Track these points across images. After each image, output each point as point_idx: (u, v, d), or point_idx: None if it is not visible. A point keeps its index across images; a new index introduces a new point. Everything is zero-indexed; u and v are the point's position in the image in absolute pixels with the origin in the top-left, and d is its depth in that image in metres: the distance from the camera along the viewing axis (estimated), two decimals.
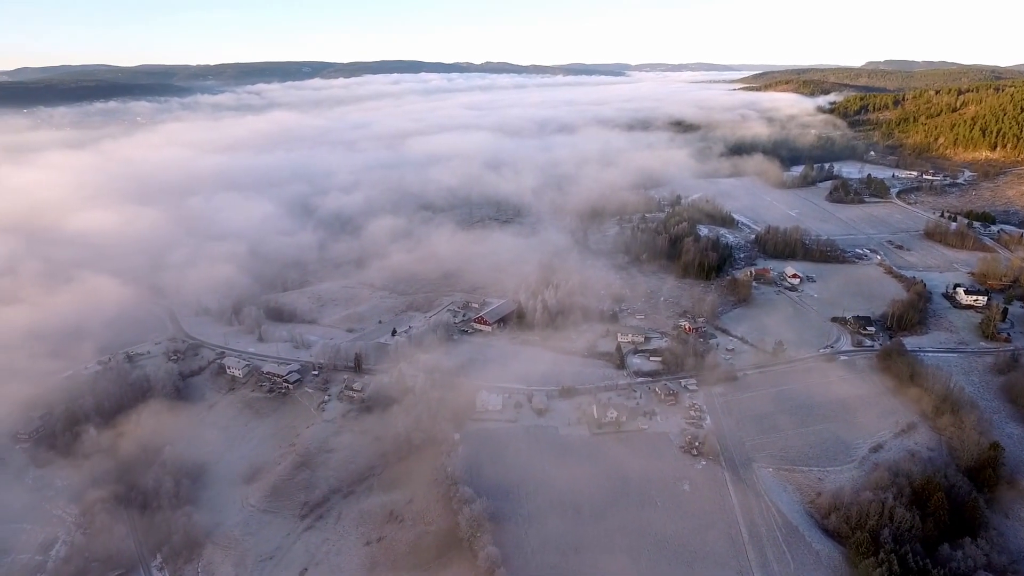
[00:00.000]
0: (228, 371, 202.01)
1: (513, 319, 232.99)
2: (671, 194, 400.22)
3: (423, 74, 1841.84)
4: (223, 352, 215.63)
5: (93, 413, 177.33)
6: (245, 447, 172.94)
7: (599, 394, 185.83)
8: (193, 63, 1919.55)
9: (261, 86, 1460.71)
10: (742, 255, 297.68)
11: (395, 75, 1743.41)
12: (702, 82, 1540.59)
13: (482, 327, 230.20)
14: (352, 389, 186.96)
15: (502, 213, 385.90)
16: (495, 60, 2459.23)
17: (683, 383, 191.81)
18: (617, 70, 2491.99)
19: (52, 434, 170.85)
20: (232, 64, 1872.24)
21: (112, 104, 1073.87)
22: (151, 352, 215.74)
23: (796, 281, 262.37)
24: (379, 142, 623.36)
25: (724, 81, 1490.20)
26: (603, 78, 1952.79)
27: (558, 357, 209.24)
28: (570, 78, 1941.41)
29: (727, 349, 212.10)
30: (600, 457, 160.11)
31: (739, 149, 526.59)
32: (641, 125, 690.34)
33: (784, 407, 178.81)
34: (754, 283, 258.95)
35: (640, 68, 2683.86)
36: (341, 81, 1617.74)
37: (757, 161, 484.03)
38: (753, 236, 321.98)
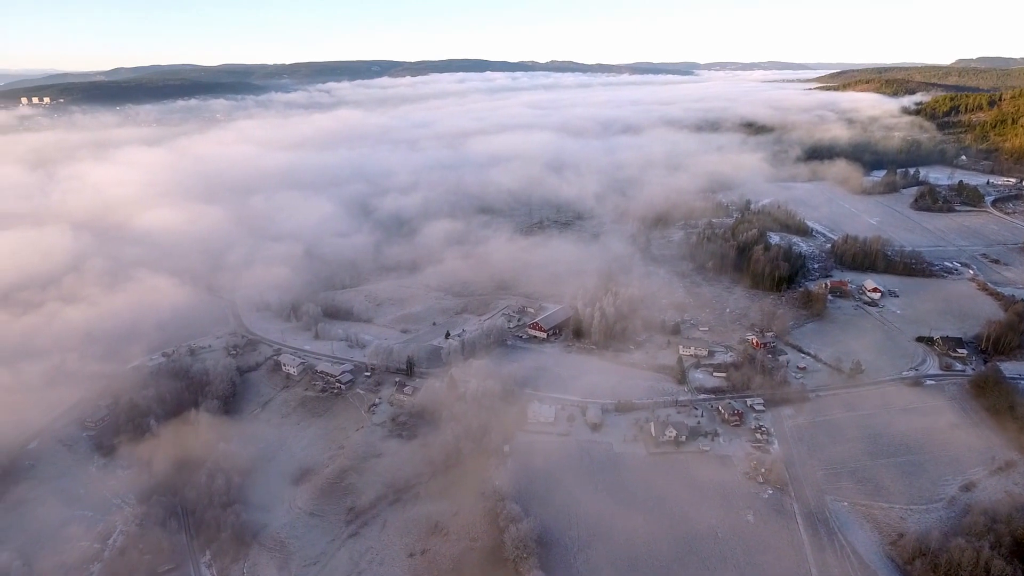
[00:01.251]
0: (283, 368, 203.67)
1: (569, 327, 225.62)
2: (740, 199, 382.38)
3: (488, 73, 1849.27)
4: (279, 349, 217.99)
5: (155, 404, 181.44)
6: (296, 446, 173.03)
7: (657, 410, 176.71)
8: (270, 62, 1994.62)
9: (332, 84, 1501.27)
10: (816, 266, 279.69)
11: (460, 74, 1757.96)
12: (775, 81, 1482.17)
13: (537, 334, 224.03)
14: (403, 393, 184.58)
15: (562, 215, 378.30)
16: (560, 59, 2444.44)
17: (749, 402, 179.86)
18: (685, 69, 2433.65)
19: (116, 424, 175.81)
20: (306, 63, 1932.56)
21: (193, 102, 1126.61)
22: (212, 346, 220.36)
23: (877, 296, 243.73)
24: (440, 141, 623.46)
25: (799, 80, 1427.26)
26: (671, 77, 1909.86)
27: (615, 369, 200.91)
28: (636, 77, 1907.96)
29: (798, 367, 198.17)
30: (656, 479, 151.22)
31: (816, 152, 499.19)
32: (710, 126, 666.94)
33: (862, 434, 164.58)
34: (829, 297, 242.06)
35: (709, 67, 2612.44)
36: (408, 80, 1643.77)
37: (836, 165, 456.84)
38: (829, 245, 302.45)
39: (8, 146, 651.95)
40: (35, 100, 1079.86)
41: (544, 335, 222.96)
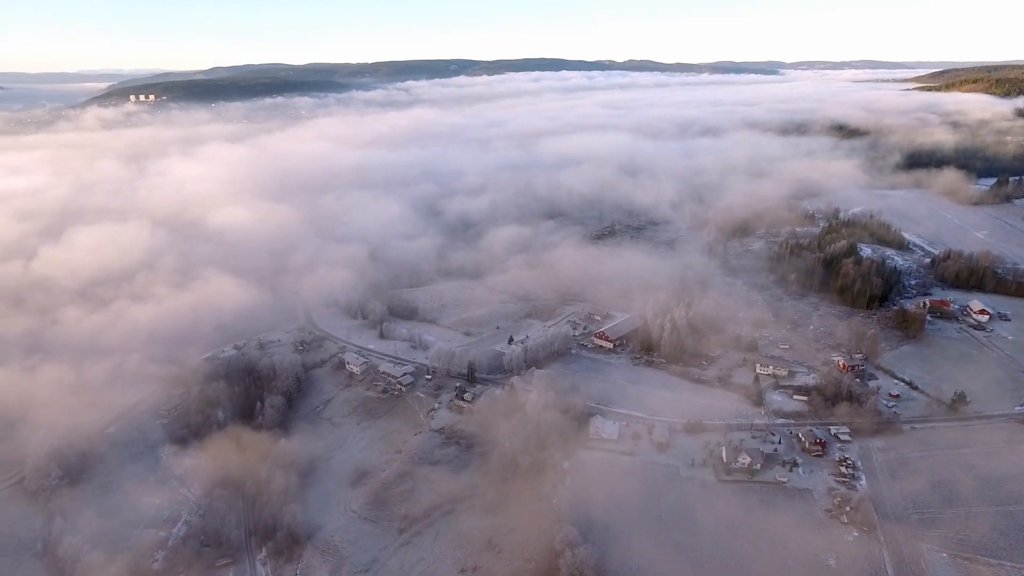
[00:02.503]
0: (347, 367, 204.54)
1: (637, 338, 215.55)
2: (827, 207, 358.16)
3: (564, 72, 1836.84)
4: (344, 347, 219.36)
5: (223, 396, 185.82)
6: (354, 447, 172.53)
7: (730, 433, 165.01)
8: (353, 61, 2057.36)
9: (410, 83, 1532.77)
10: (914, 282, 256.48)
11: (536, 72, 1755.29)
12: (869, 81, 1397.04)
13: (603, 343, 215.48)
14: (463, 399, 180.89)
15: (634, 221, 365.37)
16: (638, 58, 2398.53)
17: (833, 431, 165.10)
18: (770, 68, 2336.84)
19: (187, 414, 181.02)
20: (387, 62, 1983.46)
21: (279, 99, 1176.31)
22: (281, 340, 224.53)
23: (984, 318, 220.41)
24: (512, 141, 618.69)
25: (895, 80, 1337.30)
26: (753, 77, 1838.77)
27: (685, 385, 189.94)
28: (716, 77, 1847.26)
29: (891, 395, 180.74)
30: (727, 509, 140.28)
31: (917, 159, 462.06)
32: (797, 129, 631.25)
33: (966, 476, 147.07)
34: (928, 317, 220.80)
35: (796, 66, 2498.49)
36: (484, 79, 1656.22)
37: (940, 173, 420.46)
38: (928, 260, 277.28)
39: (111, 141, 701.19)
40: (141, 98, 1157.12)
41: (610, 345, 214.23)
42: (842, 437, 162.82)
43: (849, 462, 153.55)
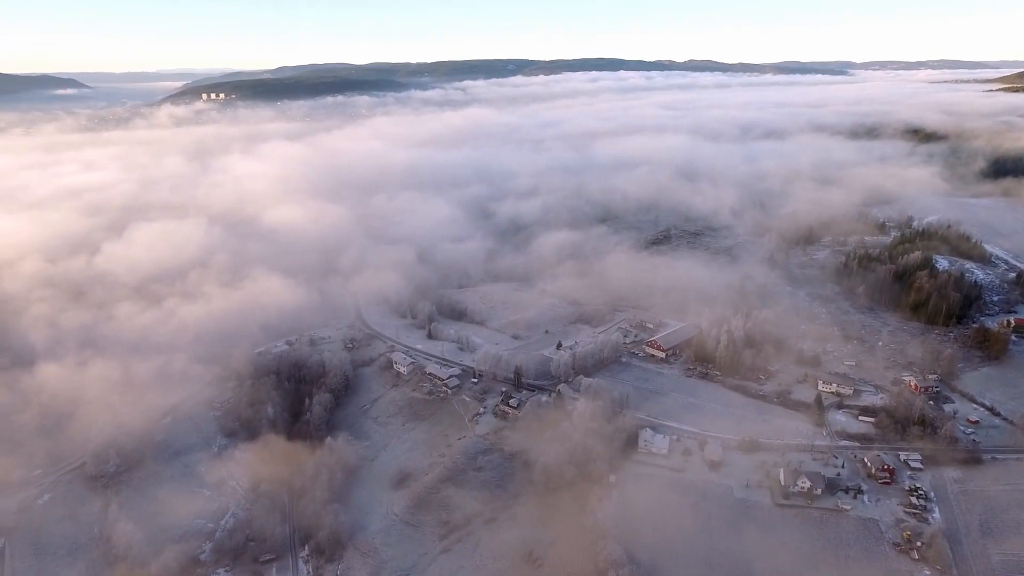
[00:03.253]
0: (394, 367, 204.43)
1: (691, 348, 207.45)
2: (899, 215, 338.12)
3: (621, 72, 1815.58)
4: (393, 346, 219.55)
5: (273, 391, 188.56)
6: (399, 448, 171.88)
7: (789, 453, 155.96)
8: (413, 61, 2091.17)
9: (467, 82, 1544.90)
10: (996, 299, 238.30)
11: (593, 72, 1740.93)
12: (947, 82, 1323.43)
13: (655, 352, 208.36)
14: (508, 405, 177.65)
15: (691, 225, 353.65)
16: (699, 58, 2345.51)
17: (903, 457, 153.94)
18: (838, 68, 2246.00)
19: (238, 407, 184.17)
20: (446, 62, 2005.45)
21: (340, 98, 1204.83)
22: (331, 337, 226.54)
23: None
24: (566, 142, 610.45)
25: (976, 81, 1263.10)
26: (820, 77, 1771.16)
27: (741, 400, 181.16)
28: (780, 77, 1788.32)
29: (969, 420, 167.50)
30: (783, 537, 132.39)
31: (1004, 165, 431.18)
32: (868, 132, 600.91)
33: None
34: (1013, 337, 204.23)
35: (867, 66, 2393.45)
36: (541, 78, 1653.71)
37: None
38: (1013, 275, 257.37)
39: (179, 138, 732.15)
40: (212, 96, 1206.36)
41: (663, 355, 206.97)
42: (913, 464, 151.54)
43: (921, 492, 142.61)
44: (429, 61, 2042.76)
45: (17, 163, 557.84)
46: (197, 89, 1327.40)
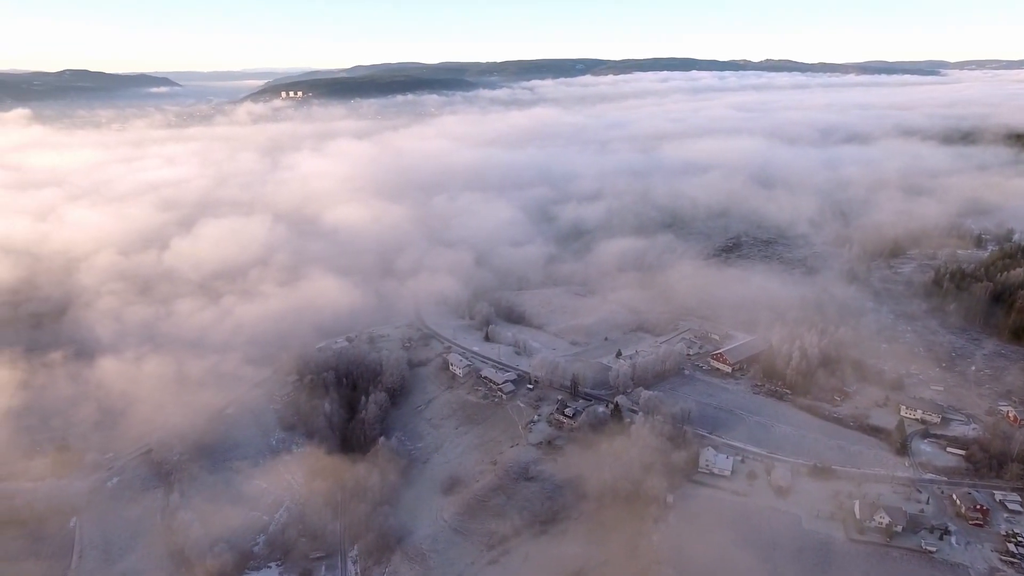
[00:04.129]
0: (450, 368, 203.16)
1: (760, 363, 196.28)
2: (999, 227, 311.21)
3: (693, 72, 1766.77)
4: (449, 347, 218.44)
5: (332, 388, 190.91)
6: (451, 452, 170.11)
7: (866, 484, 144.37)
8: (483, 60, 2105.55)
9: (535, 82, 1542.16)
10: None
11: (664, 72, 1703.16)
12: None
13: (720, 366, 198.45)
14: (564, 414, 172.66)
15: (762, 233, 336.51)
16: (776, 57, 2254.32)
17: (999, 497, 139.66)
18: (929, 68, 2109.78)
19: (297, 402, 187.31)
20: (515, 61, 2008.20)
21: (409, 97, 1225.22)
22: (390, 336, 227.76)
23: None
24: (633, 144, 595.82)
25: None
26: (909, 77, 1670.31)
27: (813, 422, 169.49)
28: (864, 78, 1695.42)
29: None
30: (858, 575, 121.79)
31: None
32: (963, 138, 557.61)
33: None
34: None
35: (961, 66, 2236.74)
36: (610, 78, 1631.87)
37: None
38: None
39: (255, 135, 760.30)
40: (290, 94, 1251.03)
41: (728, 369, 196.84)
42: (1010, 506, 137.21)
43: (1021, 539, 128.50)
44: (498, 60, 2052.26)
45: (108, 157, 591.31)
46: (277, 87, 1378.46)
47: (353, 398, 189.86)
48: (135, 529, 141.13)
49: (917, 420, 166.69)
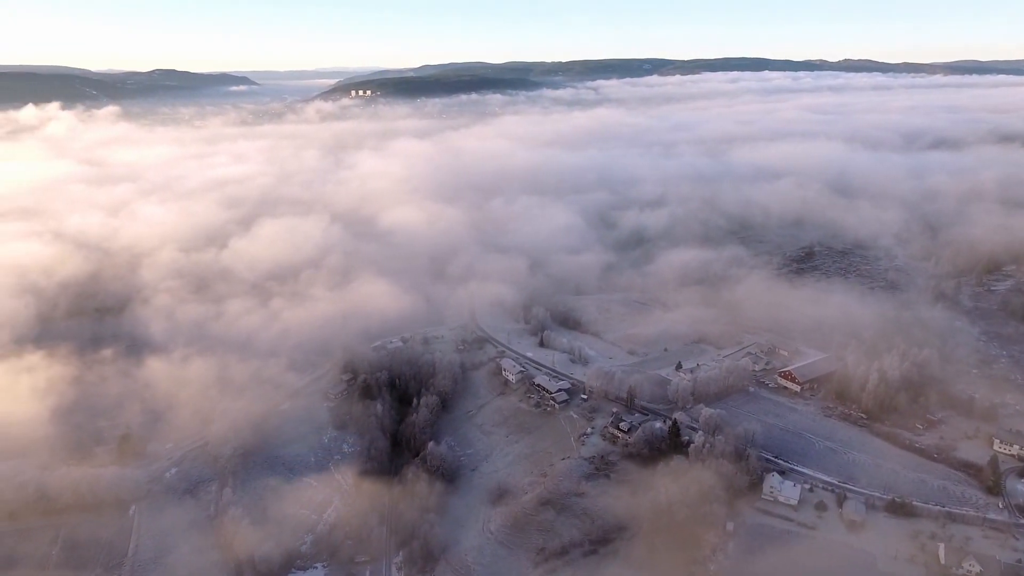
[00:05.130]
0: (503, 373, 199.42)
1: (833, 383, 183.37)
2: None
3: (765, 72, 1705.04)
4: (503, 352, 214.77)
5: (384, 388, 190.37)
6: (500, 461, 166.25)
7: (952, 526, 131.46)
8: (548, 60, 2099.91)
9: (600, 82, 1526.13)
10: None
11: (734, 72, 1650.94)
12: None
13: (788, 384, 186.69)
14: (619, 428, 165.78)
15: (838, 242, 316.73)
16: (855, 57, 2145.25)
17: None
18: None
19: (350, 400, 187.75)
20: (580, 61, 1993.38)
21: (473, 96, 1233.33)
22: (444, 337, 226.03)
23: None
24: (699, 147, 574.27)
25: None
26: (1004, 78, 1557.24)
27: (892, 451, 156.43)
28: (953, 78, 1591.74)
29: None
30: None
31: None
32: None
33: None
34: None
35: None
36: (677, 78, 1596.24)
37: None
38: None
39: (320, 133, 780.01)
40: (359, 93, 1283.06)
41: (797, 388, 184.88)
42: None
43: None
44: (564, 60, 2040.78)
45: (182, 153, 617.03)
46: (347, 86, 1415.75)
47: (405, 400, 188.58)
48: (189, 521, 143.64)
49: (1014, 456, 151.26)
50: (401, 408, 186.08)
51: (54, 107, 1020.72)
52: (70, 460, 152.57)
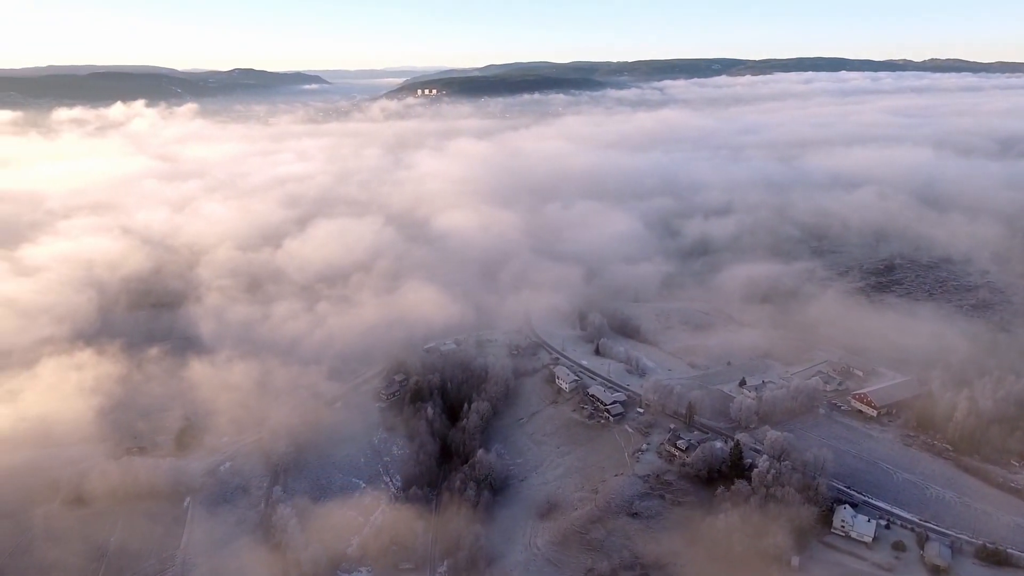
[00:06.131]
0: (557, 381, 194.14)
1: (914, 410, 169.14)
2: None
3: (842, 72, 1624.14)
4: (557, 359, 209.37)
5: (436, 391, 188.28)
6: (550, 473, 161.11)
7: None
8: (614, 60, 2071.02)
9: (666, 82, 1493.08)
10: None
11: (808, 73, 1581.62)
12: None
13: (863, 408, 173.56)
14: (675, 446, 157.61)
15: (922, 255, 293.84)
16: (942, 56, 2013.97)
17: None
18: None
19: (402, 402, 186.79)
20: (646, 61, 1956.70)
21: (536, 96, 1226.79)
22: (497, 340, 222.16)
23: None
24: (769, 151, 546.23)
25: None
26: None
27: (982, 489, 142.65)
28: None
29: None
30: None
31: None
32: None
33: None
34: None
35: None
36: (747, 79, 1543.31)
37: None
38: None
39: (382, 131, 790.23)
40: (425, 92, 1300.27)
41: (874, 413, 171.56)
42: None
43: None
44: (630, 60, 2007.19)
45: (249, 150, 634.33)
46: (413, 85, 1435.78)
47: (456, 403, 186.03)
48: (240, 516, 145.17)
49: None
50: (452, 412, 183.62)
51: (139, 105, 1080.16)
52: (131, 449, 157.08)
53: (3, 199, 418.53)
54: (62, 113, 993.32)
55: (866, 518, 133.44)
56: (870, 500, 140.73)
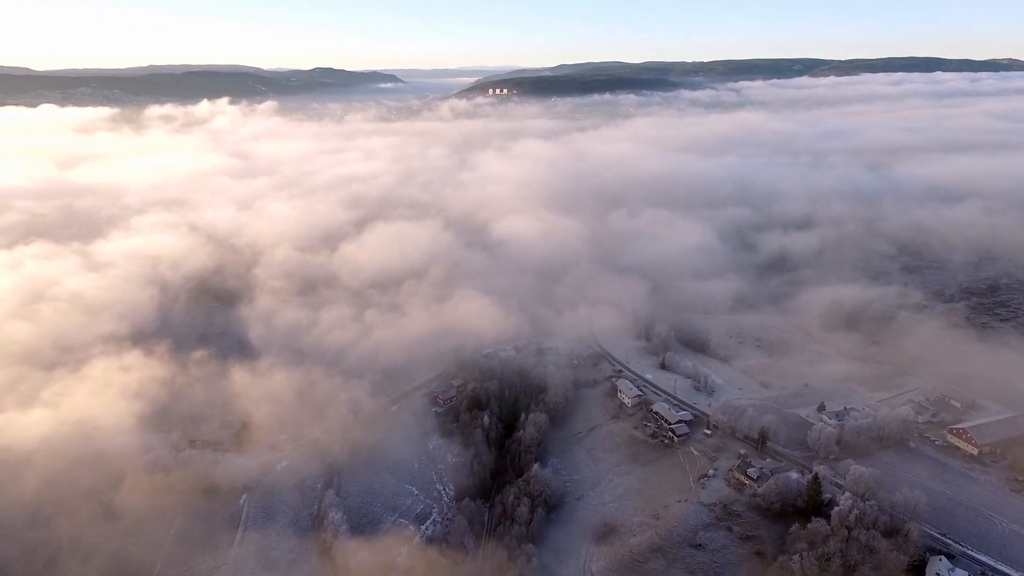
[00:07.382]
0: (619, 395, 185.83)
1: (1021, 450, 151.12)
2: None
3: (937, 73, 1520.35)
4: (620, 371, 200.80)
5: (493, 399, 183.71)
6: (609, 493, 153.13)
7: None
8: (688, 60, 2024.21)
9: (743, 83, 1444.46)
10: None
11: (898, 74, 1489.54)
12: None
13: (962, 445, 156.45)
14: (746, 474, 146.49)
15: None
16: None
17: None
18: None
19: (459, 408, 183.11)
20: (722, 61, 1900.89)
21: (606, 96, 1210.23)
22: (558, 349, 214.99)
23: None
24: (856, 158, 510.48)
25: None
26: None
27: None
28: None
29: None
30: None
31: None
32: None
33: None
34: None
35: None
36: (831, 80, 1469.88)
37: None
38: None
39: (450, 131, 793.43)
40: (495, 91, 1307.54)
41: (974, 450, 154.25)
42: None
43: None
44: (705, 60, 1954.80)
45: (318, 148, 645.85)
46: (485, 85, 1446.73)
47: (513, 413, 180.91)
48: (293, 516, 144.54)
49: None
50: (509, 422, 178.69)
51: (223, 102, 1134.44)
52: (195, 443, 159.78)
53: (88, 193, 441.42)
54: (154, 110, 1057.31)
55: (965, 573, 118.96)
56: (969, 551, 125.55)
